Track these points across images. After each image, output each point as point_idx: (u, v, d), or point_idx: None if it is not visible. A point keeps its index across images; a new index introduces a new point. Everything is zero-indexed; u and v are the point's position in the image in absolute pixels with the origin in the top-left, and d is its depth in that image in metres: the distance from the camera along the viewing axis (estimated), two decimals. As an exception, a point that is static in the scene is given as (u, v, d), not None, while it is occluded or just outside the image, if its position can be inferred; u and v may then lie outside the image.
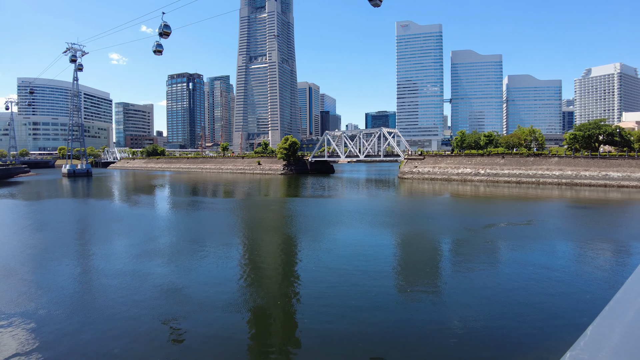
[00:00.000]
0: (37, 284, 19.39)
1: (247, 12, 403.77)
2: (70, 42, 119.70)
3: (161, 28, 39.73)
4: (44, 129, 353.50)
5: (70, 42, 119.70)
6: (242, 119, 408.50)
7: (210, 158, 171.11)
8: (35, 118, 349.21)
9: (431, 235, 31.12)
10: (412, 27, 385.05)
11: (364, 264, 22.10)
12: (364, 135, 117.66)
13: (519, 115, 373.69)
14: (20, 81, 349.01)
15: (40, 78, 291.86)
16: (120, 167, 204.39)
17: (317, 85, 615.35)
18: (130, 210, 49.29)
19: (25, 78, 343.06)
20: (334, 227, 33.48)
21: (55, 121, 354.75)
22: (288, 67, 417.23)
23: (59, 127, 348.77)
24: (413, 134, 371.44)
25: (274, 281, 20.13)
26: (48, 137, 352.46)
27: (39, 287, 18.85)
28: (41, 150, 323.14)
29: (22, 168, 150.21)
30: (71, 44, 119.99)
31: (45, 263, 23.34)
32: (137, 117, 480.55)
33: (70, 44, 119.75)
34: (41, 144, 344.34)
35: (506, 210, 44.36)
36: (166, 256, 24.68)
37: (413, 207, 49.94)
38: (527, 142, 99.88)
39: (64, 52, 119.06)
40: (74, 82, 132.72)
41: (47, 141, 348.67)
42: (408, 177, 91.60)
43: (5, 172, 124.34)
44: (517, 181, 77.45)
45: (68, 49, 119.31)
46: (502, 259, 24.02)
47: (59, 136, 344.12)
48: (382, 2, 26.76)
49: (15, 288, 18.55)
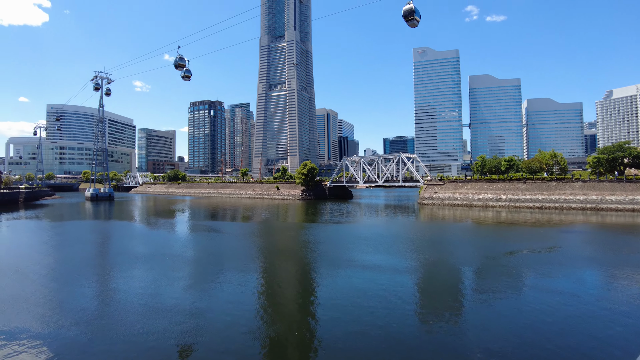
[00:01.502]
0: (59, 305, 19.71)
1: (267, 41, 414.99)
2: (97, 71, 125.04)
3: (176, 60, 41.35)
4: (70, 153, 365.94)
5: (97, 71, 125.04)
6: (262, 145, 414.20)
7: (229, 183, 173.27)
8: (62, 143, 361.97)
9: (452, 263, 30.61)
10: (429, 53, 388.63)
11: (383, 292, 21.80)
12: (383, 160, 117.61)
13: (540, 139, 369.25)
14: (50, 107, 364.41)
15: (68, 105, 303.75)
16: (142, 191, 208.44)
17: (335, 111, 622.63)
18: (150, 234, 49.94)
19: (54, 104, 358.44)
20: (352, 254, 33.24)
21: (81, 146, 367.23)
22: (307, 94, 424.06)
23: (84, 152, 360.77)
24: (432, 159, 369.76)
25: (291, 309, 20.02)
26: (73, 161, 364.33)
27: (61, 308, 19.14)
28: (66, 174, 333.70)
29: (48, 191, 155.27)
30: (98, 72, 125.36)
31: (66, 284, 23.83)
32: (160, 143, 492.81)
33: (97, 72, 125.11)
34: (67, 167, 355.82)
35: (529, 237, 43.48)
36: (185, 280, 24.86)
37: (433, 233, 49.41)
38: (549, 166, 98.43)
39: (91, 79, 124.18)
40: (99, 109, 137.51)
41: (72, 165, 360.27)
42: (428, 202, 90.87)
43: (32, 194, 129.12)
44: (540, 206, 76.04)
45: (95, 76, 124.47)
46: (526, 287, 23.25)
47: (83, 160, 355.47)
48: (419, 22, 26.52)
49: (37, 309, 18.86)
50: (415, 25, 26.19)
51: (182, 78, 42.55)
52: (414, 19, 25.65)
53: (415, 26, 26.34)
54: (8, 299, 20.70)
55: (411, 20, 25.71)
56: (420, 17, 26.05)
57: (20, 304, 19.83)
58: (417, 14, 25.55)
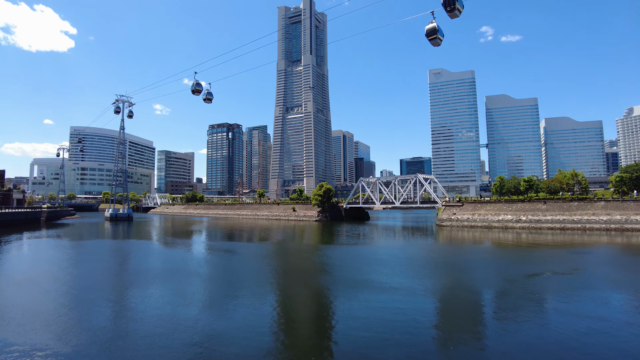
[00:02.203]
0: (78, 323, 19.89)
1: (284, 65, 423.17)
2: (118, 94, 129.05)
3: (193, 86, 42.27)
4: (91, 174, 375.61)
5: (118, 94, 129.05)
6: (278, 167, 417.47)
7: (246, 204, 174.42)
8: (84, 164, 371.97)
9: (472, 286, 29.94)
10: (444, 74, 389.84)
11: (401, 315, 21.45)
12: (399, 181, 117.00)
13: (559, 158, 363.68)
14: (73, 129, 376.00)
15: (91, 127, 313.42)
16: (160, 212, 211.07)
17: (351, 133, 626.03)
18: (167, 254, 50.19)
19: (77, 127, 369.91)
20: (369, 276, 32.79)
21: (102, 167, 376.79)
22: (323, 116, 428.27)
23: (105, 173, 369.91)
24: (450, 180, 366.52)
25: (307, 332, 19.84)
26: (94, 181, 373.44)
27: (79, 326, 19.27)
28: (87, 194, 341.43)
29: (69, 210, 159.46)
30: (119, 95, 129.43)
31: (85, 302, 24.14)
32: (178, 165, 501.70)
33: (118, 96, 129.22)
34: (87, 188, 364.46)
35: (551, 259, 42.43)
36: (202, 301, 24.91)
37: (452, 255, 48.64)
38: (570, 186, 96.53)
39: (113, 102, 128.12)
40: (120, 131, 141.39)
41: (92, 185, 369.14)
42: (446, 224, 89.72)
43: (54, 214, 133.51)
44: (562, 227, 74.34)
45: (117, 100, 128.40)
46: (549, 311, 22.57)
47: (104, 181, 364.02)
48: (442, 41, 26.34)
49: (56, 326, 19.01)
50: (439, 44, 25.99)
51: (204, 100, 43.49)
52: (437, 38, 25.44)
53: (438, 45, 26.13)
54: (29, 316, 21.06)
55: (434, 39, 25.53)
56: (444, 35, 25.95)
57: (39, 321, 20.09)
58: (440, 32, 25.50)
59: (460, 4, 23.35)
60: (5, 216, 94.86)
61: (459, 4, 23.29)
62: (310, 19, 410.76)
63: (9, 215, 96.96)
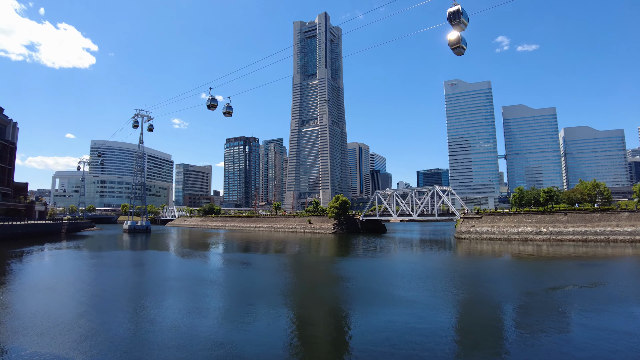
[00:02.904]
0: (97, 333, 19.92)
1: (300, 79, 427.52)
2: (137, 109, 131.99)
3: (209, 101, 43.19)
4: (110, 187, 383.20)
5: (137, 109, 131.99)
6: (294, 179, 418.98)
7: (263, 217, 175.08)
8: (103, 177, 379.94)
9: (493, 300, 29.21)
10: (461, 85, 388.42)
11: (420, 330, 21.14)
12: (416, 193, 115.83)
13: (580, 168, 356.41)
14: (93, 143, 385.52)
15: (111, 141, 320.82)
16: (178, 224, 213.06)
17: (367, 145, 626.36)
18: (184, 265, 50.40)
19: (97, 141, 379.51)
20: (386, 290, 32.48)
21: (121, 180, 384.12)
22: (338, 129, 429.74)
23: (124, 186, 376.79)
24: (468, 192, 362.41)
25: (323, 347, 19.67)
26: (113, 194, 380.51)
27: (98, 336, 19.32)
28: (106, 207, 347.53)
29: (89, 223, 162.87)
30: (139, 110, 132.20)
31: (102, 312, 24.38)
32: (196, 178, 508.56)
33: (137, 110, 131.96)
34: (107, 200, 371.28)
35: (573, 271, 41.43)
36: (218, 313, 24.95)
37: (472, 269, 47.87)
38: (591, 196, 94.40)
39: (133, 117, 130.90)
40: (139, 145, 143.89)
41: (112, 198, 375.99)
42: (465, 237, 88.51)
43: (74, 226, 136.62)
44: (584, 239, 72.61)
45: (136, 114, 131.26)
46: (573, 325, 21.99)
47: (122, 194, 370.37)
48: (465, 50, 25.99)
49: (76, 336, 19.11)
50: (462, 53, 25.62)
51: (224, 114, 44.12)
52: (460, 47, 25.30)
53: (461, 54, 25.82)
54: (49, 324, 21.44)
55: (458, 48, 25.38)
56: (467, 44, 25.75)
57: (58, 330, 20.31)
58: (463, 42, 25.32)
59: (465, 17, 23.41)
60: (28, 228, 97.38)
61: (464, 17, 23.36)
62: (325, 33, 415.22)
63: (31, 227, 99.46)
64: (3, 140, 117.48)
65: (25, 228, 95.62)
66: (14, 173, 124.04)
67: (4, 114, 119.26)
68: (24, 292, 31.79)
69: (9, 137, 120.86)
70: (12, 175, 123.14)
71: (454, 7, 23.58)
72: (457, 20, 23.27)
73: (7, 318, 23.50)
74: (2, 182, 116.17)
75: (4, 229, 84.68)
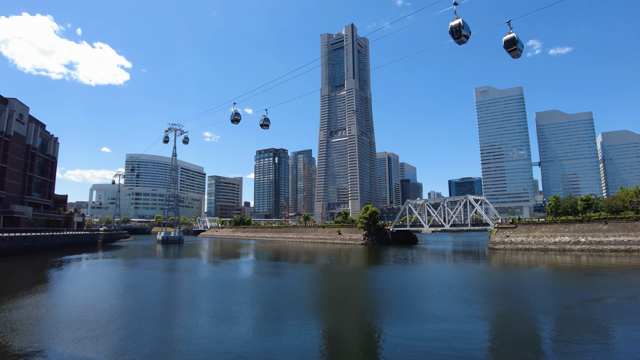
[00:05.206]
0: (127, 340, 20.26)
1: (328, 91, 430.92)
2: (170, 123, 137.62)
3: (232, 115, 44.70)
4: (144, 198, 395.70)
5: (170, 123, 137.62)
6: (323, 190, 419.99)
7: (292, 227, 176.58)
8: (138, 189, 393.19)
9: (530, 313, 28.32)
10: (491, 92, 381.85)
11: (454, 345, 20.82)
12: (449, 203, 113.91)
13: (620, 174, 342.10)
14: (128, 157, 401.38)
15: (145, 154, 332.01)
16: (210, 235, 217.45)
17: (396, 154, 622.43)
18: (215, 275, 51.11)
19: (132, 154, 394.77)
20: (418, 302, 32.16)
21: (155, 192, 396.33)
22: (367, 139, 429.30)
23: (157, 197, 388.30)
24: (502, 201, 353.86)
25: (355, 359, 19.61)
26: (147, 206, 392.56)
27: (128, 343, 19.56)
28: (140, 218, 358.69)
29: (123, 233, 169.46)
30: (172, 124, 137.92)
31: (134, 320, 25.09)
32: (227, 189, 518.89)
33: (170, 124, 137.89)
34: (141, 212, 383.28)
35: (615, 283, 39.75)
36: (249, 322, 25.32)
37: (507, 280, 46.75)
38: (634, 204, 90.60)
39: (166, 130, 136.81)
40: (172, 158, 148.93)
41: (146, 210, 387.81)
42: (500, 247, 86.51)
43: (110, 236, 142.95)
44: (627, 249, 69.72)
45: (169, 128, 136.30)
46: (616, 339, 21.20)
47: (156, 205, 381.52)
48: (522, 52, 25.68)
49: (106, 342, 19.53)
50: (519, 55, 25.46)
51: (261, 126, 45.18)
52: (516, 49, 24.85)
53: (518, 56, 25.63)
54: (84, 330, 21.95)
55: (514, 51, 24.94)
56: (523, 47, 25.51)
57: (93, 335, 20.62)
58: (519, 44, 25.03)
59: (466, 31, 23.55)
60: (67, 238, 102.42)
61: (465, 31, 23.50)
62: (352, 44, 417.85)
63: (70, 237, 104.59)
64: (45, 154, 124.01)
65: (65, 238, 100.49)
66: (54, 186, 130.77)
67: (46, 130, 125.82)
68: (61, 299, 33.40)
69: (50, 152, 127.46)
70: (53, 188, 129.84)
71: (455, 21, 23.81)
72: (457, 34, 23.57)
73: (45, 323, 24.69)
74: (44, 194, 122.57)
75: (45, 239, 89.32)
